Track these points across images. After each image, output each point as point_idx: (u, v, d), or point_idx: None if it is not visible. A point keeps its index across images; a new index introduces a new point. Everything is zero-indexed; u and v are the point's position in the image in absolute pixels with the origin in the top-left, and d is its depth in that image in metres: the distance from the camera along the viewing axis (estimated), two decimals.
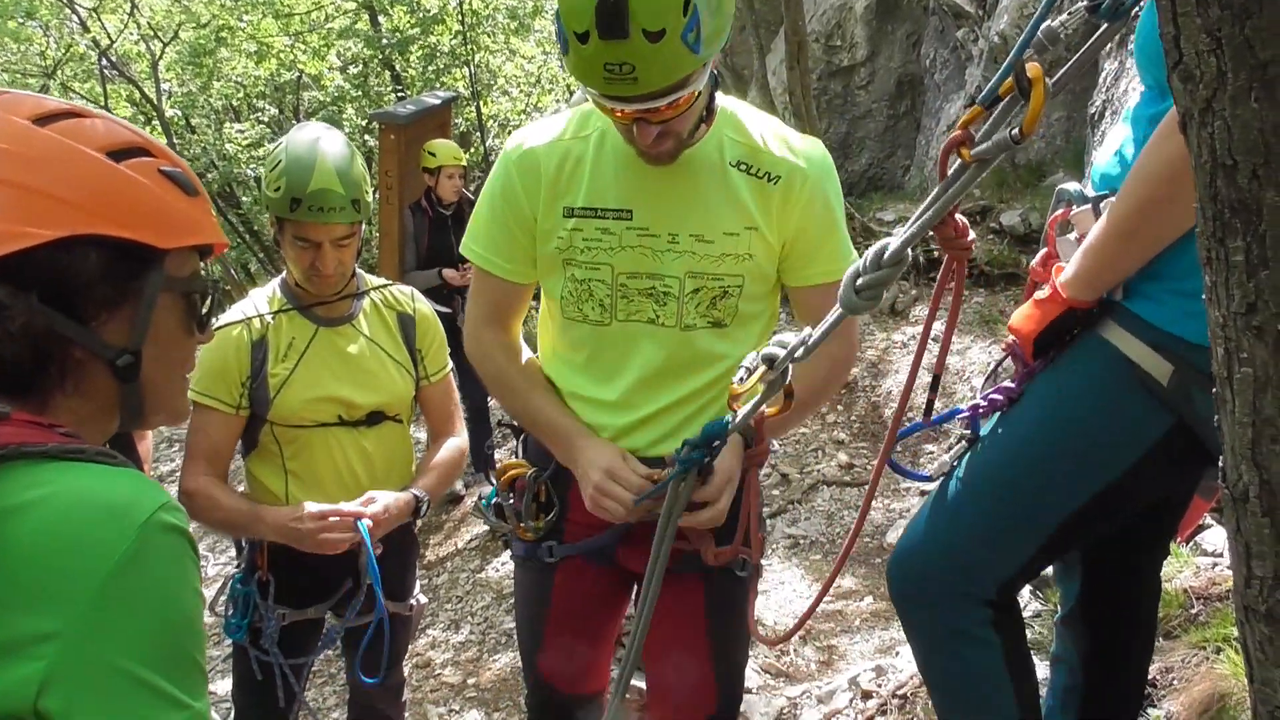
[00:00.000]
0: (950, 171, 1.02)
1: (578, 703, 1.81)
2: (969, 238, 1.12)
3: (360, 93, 11.46)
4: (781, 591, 3.92)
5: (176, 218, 0.95)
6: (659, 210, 1.58)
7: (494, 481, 1.80)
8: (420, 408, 2.29)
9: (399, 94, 10.55)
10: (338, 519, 1.98)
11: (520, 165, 1.62)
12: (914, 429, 1.55)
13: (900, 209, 7.07)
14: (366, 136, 11.36)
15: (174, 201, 0.95)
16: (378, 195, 5.82)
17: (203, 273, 1.00)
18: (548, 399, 1.68)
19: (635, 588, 1.74)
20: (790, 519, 4.60)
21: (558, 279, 1.65)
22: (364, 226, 2.12)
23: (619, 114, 1.43)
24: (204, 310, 0.99)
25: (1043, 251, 1.48)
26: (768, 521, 4.52)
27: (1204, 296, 0.79)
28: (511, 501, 1.76)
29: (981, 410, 1.49)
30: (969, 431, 1.50)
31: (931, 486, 1.56)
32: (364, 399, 2.11)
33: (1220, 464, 0.81)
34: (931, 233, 1.08)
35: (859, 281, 1.11)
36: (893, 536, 4.31)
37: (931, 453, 4.72)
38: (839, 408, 5.49)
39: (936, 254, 5.93)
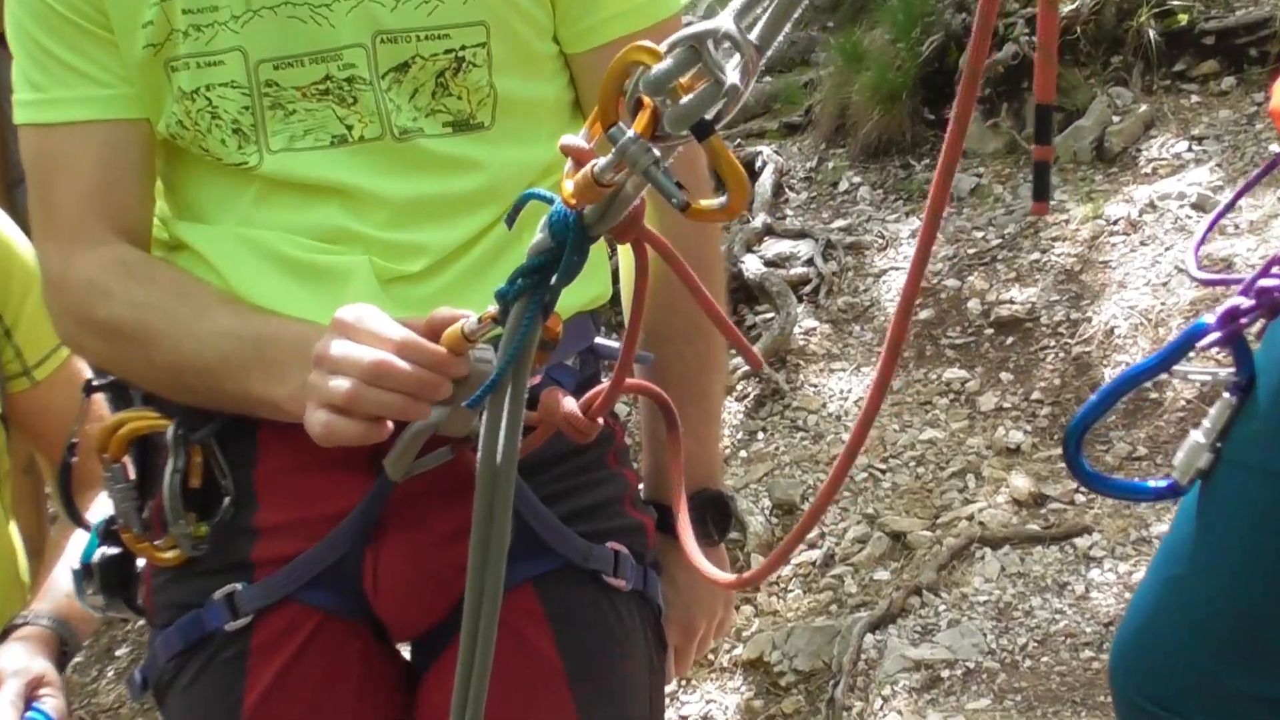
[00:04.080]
0: None
1: None
2: None
3: None
4: None
5: None
6: None
7: None
8: (28, 440, 2.42)
9: None
10: None
11: None
12: (1125, 383, 1.72)
13: None
14: None
15: None
16: None
17: None
18: (240, 307, 1.78)
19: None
20: (916, 627, 4.49)
21: (159, 103, 1.82)
22: None
23: None
24: None
25: None
26: (868, 637, 4.46)
27: None
28: (129, 487, 1.85)
29: (1245, 317, 1.59)
30: (1234, 375, 1.62)
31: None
32: None
33: None
34: None
35: None
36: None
37: (1163, 450, 4.83)
38: (1004, 375, 5.47)
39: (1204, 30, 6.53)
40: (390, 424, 1.60)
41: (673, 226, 1.60)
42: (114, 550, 1.89)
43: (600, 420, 1.69)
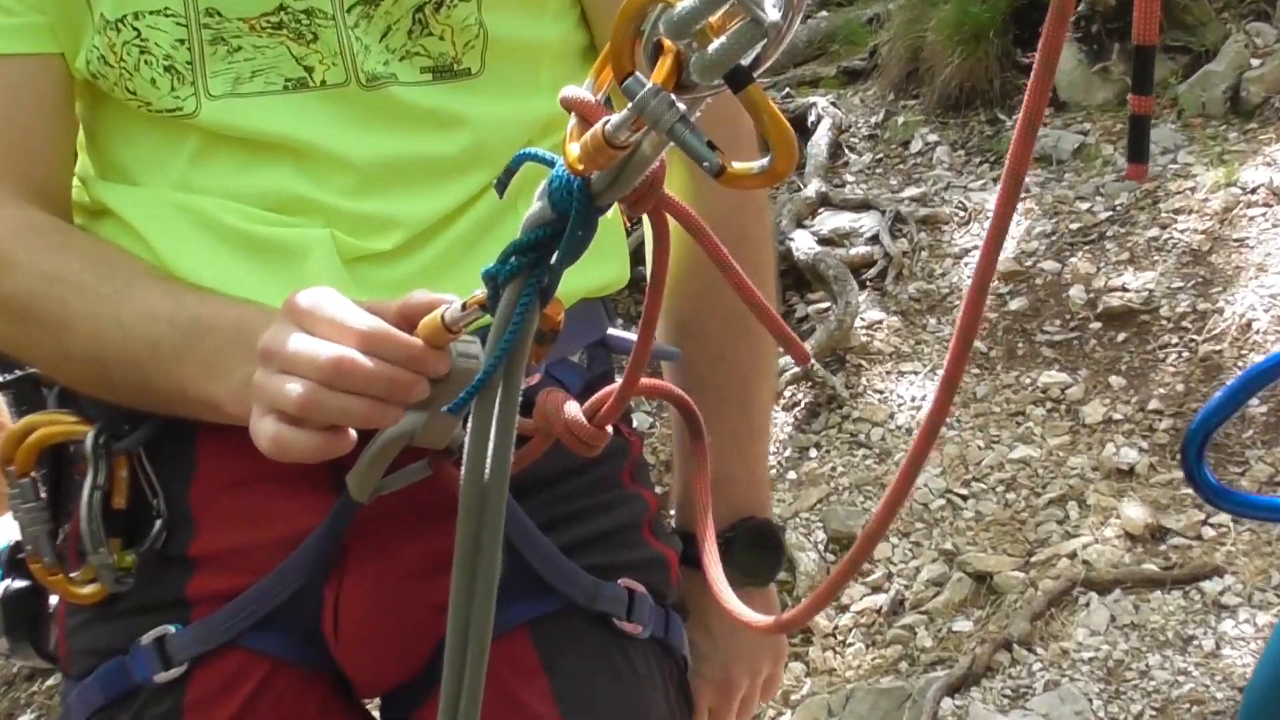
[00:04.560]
0: None
1: None
2: None
3: None
4: None
5: None
6: None
7: None
8: None
9: None
10: None
11: None
12: (1260, 377, 1.80)
13: None
14: None
15: None
16: None
17: None
18: (173, 285, 1.84)
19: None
20: (1005, 689, 4.67)
21: (77, 36, 1.88)
22: None
23: None
24: None
25: None
26: (946, 701, 4.69)
27: None
28: (39, 506, 1.91)
29: None
30: None
31: None
32: None
33: None
34: None
35: None
36: None
37: None
38: (1114, 379, 5.62)
39: None
40: (354, 433, 1.59)
41: (707, 195, 1.67)
42: (20, 584, 1.93)
43: (610, 429, 1.63)
